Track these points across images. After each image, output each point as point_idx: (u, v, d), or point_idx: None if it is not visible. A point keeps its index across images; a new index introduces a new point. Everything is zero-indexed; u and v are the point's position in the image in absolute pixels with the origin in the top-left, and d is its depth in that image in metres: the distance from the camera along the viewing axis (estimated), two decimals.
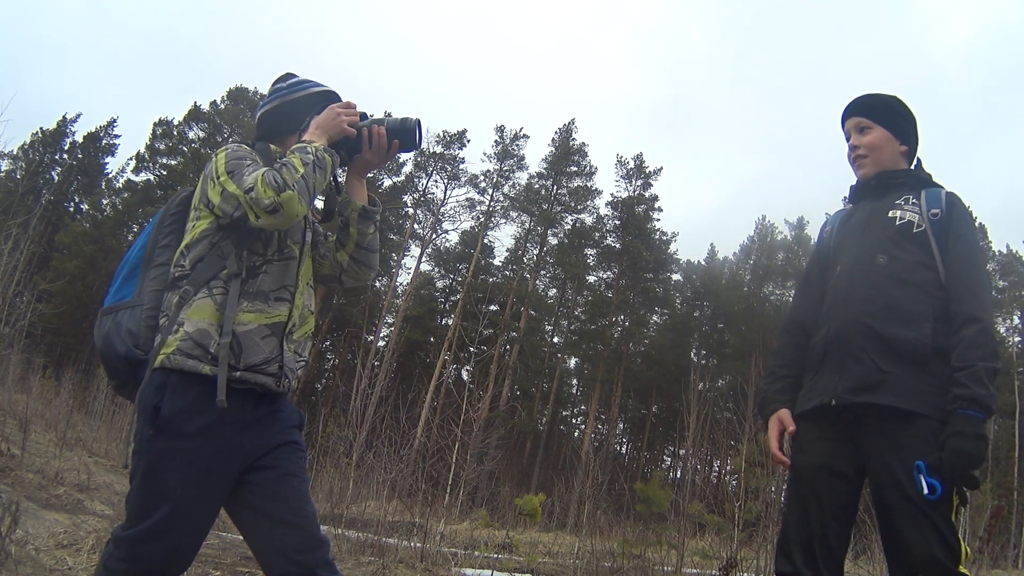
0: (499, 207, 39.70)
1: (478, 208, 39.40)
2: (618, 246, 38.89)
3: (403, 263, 38.94)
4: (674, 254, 40.87)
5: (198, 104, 37.93)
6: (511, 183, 39.91)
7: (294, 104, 2.11)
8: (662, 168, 42.65)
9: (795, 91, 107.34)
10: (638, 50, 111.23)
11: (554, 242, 40.03)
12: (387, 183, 37.87)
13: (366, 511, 9.54)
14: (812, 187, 77.83)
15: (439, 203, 38.82)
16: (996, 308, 32.46)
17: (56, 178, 37.89)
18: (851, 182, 2.37)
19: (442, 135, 38.13)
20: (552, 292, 40.92)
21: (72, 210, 38.73)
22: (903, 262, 2.09)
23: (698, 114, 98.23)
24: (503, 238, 64.76)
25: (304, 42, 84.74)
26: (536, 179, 40.03)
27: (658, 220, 40.01)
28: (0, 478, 5.96)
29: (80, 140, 38.35)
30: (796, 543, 2.07)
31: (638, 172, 39.89)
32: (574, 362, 40.41)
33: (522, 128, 40.02)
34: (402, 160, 37.52)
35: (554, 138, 40.65)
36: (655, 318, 41.52)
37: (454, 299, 38.46)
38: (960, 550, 1.87)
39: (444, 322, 38.56)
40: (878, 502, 2.01)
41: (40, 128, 37.27)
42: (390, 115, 2.20)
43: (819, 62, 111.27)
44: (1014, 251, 35.13)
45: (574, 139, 40.56)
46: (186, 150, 36.28)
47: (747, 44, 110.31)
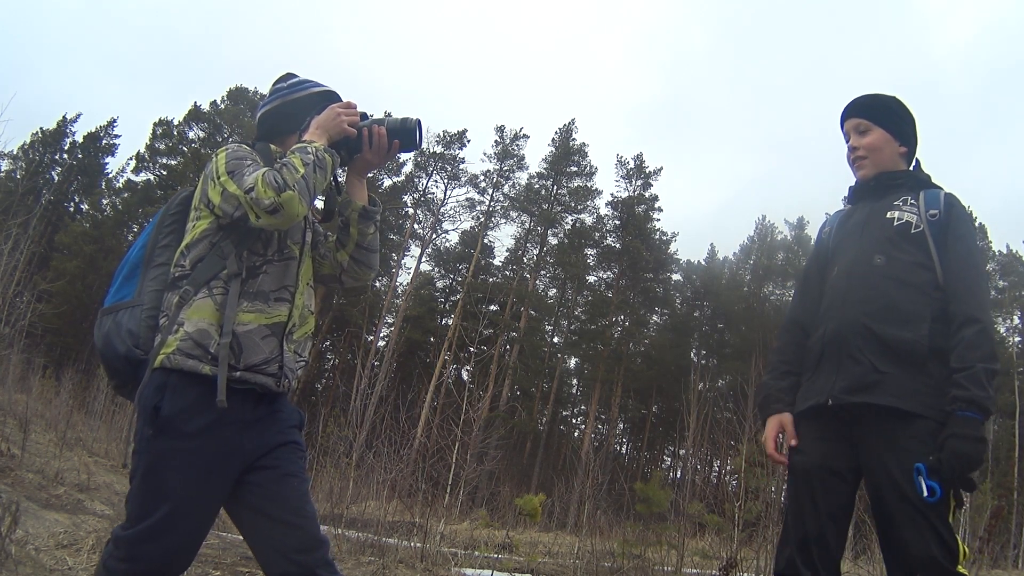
0: (499, 207, 39.77)
1: (478, 208, 39.48)
2: (618, 246, 38.89)
3: (403, 263, 39.01)
4: (674, 254, 40.95)
5: (198, 104, 38.02)
6: (511, 183, 39.99)
7: (294, 104, 2.11)
8: (662, 168, 42.76)
9: (795, 91, 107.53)
10: (638, 50, 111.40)
11: (554, 242, 40.07)
12: (387, 183, 37.88)
13: (366, 511, 9.53)
14: (812, 187, 77.84)
15: (439, 203, 38.88)
16: (996, 308, 32.73)
17: (56, 178, 37.90)
18: (851, 182, 2.38)
19: (442, 135, 38.19)
20: (552, 292, 40.94)
21: (72, 210, 38.74)
22: (901, 263, 2.09)
23: (698, 114, 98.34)
24: (503, 238, 64.90)
25: (304, 42, 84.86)
26: (536, 179, 40.09)
27: (658, 220, 40.10)
28: (0, 478, 5.96)
29: (80, 140, 38.42)
30: (794, 543, 2.07)
31: (638, 172, 39.91)
32: (574, 362, 40.48)
33: (522, 128, 40.10)
34: (402, 160, 37.58)
35: (554, 138, 40.73)
36: (655, 318, 41.55)
37: (454, 299, 38.46)
38: (958, 550, 1.87)
39: (444, 322, 38.57)
40: (875, 503, 2.01)
41: (40, 128, 37.35)
42: (390, 115, 2.20)
43: (819, 62, 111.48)
44: (1014, 251, 35.18)
45: (574, 139, 40.60)
46: (186, 150, 36.28)
47: (747, 44, 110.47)
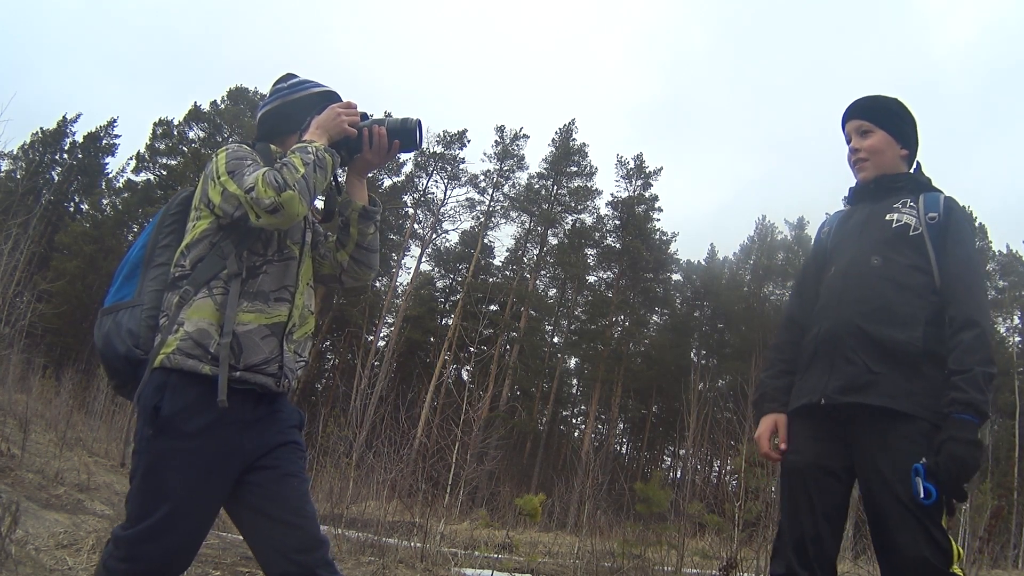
0: (499, 207, 39.77)
1: (478, 208, 39.48)
2: (618, 246, 38.89)
3: (403, 263, 39.00)
4: (674, 254, 40.94)
5: (198, 104, 38.05)
6: (511, 183, 39.99)
7: (295, 104, 2.11)
8: (662, 168, 42.69)
9: (795, 91, 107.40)
10: (638, 50, 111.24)
11: (554, 242, 40.08)
12: (387, 183, 37.88)
13: (366, 511, 9.53)
14: (812, 187, 77.78)
15: (439, 203, 38.88)
16: (996, 308, 32.71)
17: (56, 178, 37.92)
18: (851, 182, 2.38)
19: (442, 135, 38.19)
20: (552, 292, 40.95)
21: (72, 210, 38.75)
22: (898, 265, 2.09)
23: (698, 114, 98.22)
24: (503, 238, 64.86)
25: (304, 42, 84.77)
26: (536, 179, 40.10)
27: (658, 220, 40.10)
28: (0, 478, 5.96)
29: (80, 140, 38.44)
30: (790, 544, 2.07)
31: (638, 172, 39.90)
32: (574, 362, 40.49)
33: (522, 128, 40.08)
34: (402, 160, 37.58)
35: (554, 138, 40.72)
36: (655, 318, 41.55)
37: (454, 299, 38.46)
38: (952, 551, 1.86)
39: (444, 322, 38.57)
40: (868, 503, 2.00)
41: (40, 128, 37.37)
42: (390, 115, 2.20)
43: (819, 62, 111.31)
44: (1014, 251, 35.17)
45: (574, 139, 40.61)
46: (186, 150, 36.29)
47: (747, 44, 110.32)
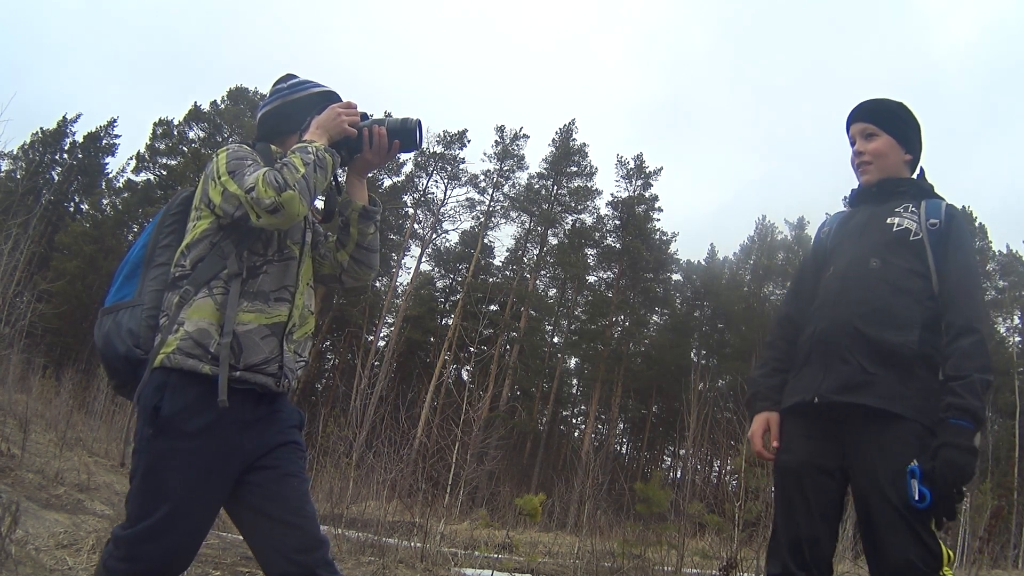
0: (499, 207, 39.77)
1: (478, 208, 39.48)
2: (618, 246, 38.90)
3: (403, 263, 39.01)
4: (674, 254, 40.95)
5: (198, 104, 38.05)
6: (511, 183, 39.99)
7: (295, 104, 2.11)
8: (662, 168, 42.62)
9: (795, 91, 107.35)
10: (638, 50, 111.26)
11: (554, 242, 40.08)
12: (387, 183, 37.88)
13: (366, 511, 9.53)
14: (812, 187, 77.87)
15: (439, 203, 38.88)
16: (996, 308, 32.68)
17: (56, 178, 37.91)
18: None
19: (442, 135, 38.18)
20: (552, 292, 40.95)
21: (72, 210, 38.75)
22: (896, 268, 2.10)
23: (698, 114, 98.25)
24: (503, 238, 64.85)
25: (304, 42, 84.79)
26: (536, 179, 40.11)
27: (658, 220, 40.10)
28: (0, 478, 5.96)
29: (80, 140, 38.43)
30: (785, 544, 2.07)
31: (638, 172, 39.90)
32: (574, 362, 40.49)
33: (522, 128, 40.07)
34: (402, 160, 37.57)
35: (554, 138, 40.73)
36: (655, 318, 41.55)
37: (454, 299, 38.46)
38: (941, 554, 1.86)
39: (444, 322, 38.57)
40: (859, 505, 2.00)
41: (40, 128, 37.37)
42: (390, 115, 2.20)
43: (819, 62, 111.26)
44: (1014, 251, 35.16)
45: (574, 139, 40.61)
46: (186, 150, 36.29)
47: (747, 44, 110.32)
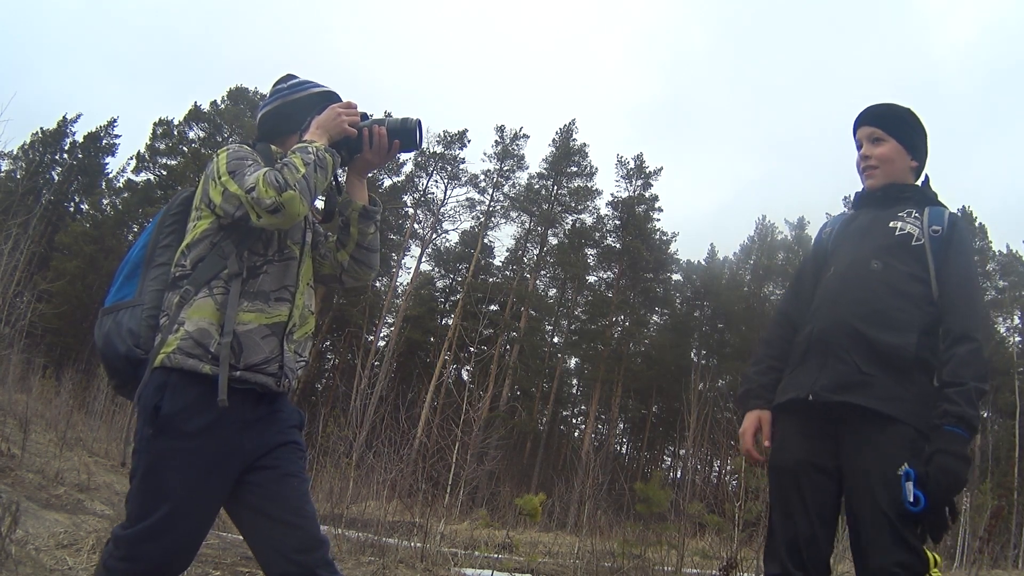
0: (499, 207, 39.77)
1: (478, 208, 39.48)
2: (618, 246, 38.90)
3: (403, 263, 39.00)
4: (674, 254, 40.96)
5: (198, 104, 38.04)
6: (511, 183, 39.99)
7: (295, 104, 2.11)
8: (662, 168, 42.61)
9: (795, 91, 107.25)
10: (638, 50, 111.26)
11: (554, 242, 40.08)
12: (387, 183, 37.87)
13: (366, 511, 9.53)
14: (812, 187, 77.98)
15: (439, 203, 38.87)
16: (996, 308, 32.65)
17: (56, 178, 37.91)
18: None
19: (442, 135, 38.18)
20: (552, 292, 40.95)
21: (72, 210, 38.75)
22: (897, 272, 2.10)
23: (698, 114, 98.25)
24: (503, 238, 64.86)
25: (304, 42, 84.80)
26: (536, 179, 40.10)
27: (658, 220, 40.11)
28: (0, 478, 5.96)
29: (80, 140, 38.43)
30: (783, 544, 2.06)
31: (638, 172, 39.91)
32: (574, 362, 40.49)
33: (522, 128, 40.06)
34: (402, 160, 37.57)
35: (554, 138, 40.72)
36: (655, 318, 41.57)
37: (454, 299, 38.46)
38: (926, 560, 1.85)
39: (444, 322, 38.57)
40: (848, 505, 2.01)
41: (40, 128, 37.37)
42: (390, 115, 2.20)
43: (819, 62, 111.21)
44: (1014, 251, 35.14)
45: (574, 139, 40.60)
46: (186, 150, 36.29)
47: (747, 44, 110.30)
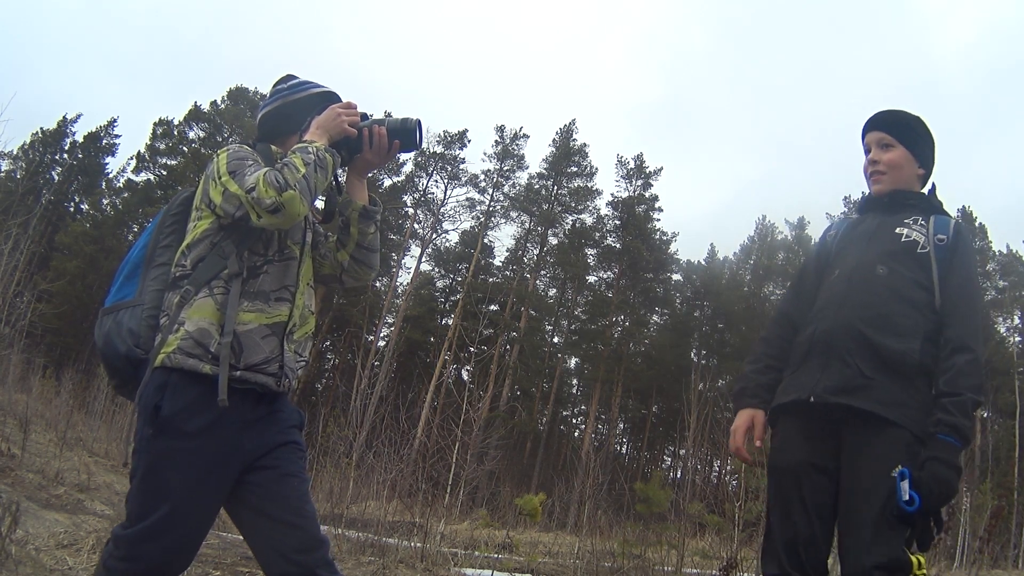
0: (499, 207, 39.78)
1: (478, 208, 39.49)
2: (618, 246, 38.90)
3: (403, 263, 39.01)
4: (674, 254, 40.95)
5: (198, 104, 38.05)
6: (511, 183, 40.00)
7: (295, 105, 2.11)
8: (662, 168, 42.52)
9: (795, 91, 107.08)
10: (638, 50, 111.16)
11: (554, 242, 40.09)
12: (387, 183, 37.87)
13: (366, 511, 9.53)
14: (812, 187, 77.98)
15: (439, 203, 38.88)
16: (996, 308, 32.66)
17: (56, 178, 37.92)
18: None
19: (442, 135, 38.19)
20: (552, 292, 40.96)
21: (72, 210, 38.76)
22: (902, 278, 2.11)
23: (698, 114, 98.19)
24: (503, 238, 64.75)
25: (304, 42, 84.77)
26: (536, 179, 40.12)
27: (658, 220, 40.11)
28: (0, 478, 5.96)
29: (80, 140, 38.42)
30: (781, 545, 2.06)
31: (638, 172, 39.91)
32: (574, 362, 40.49)
33: (522, 128, 40.11)
34: (402, 160, 37.57)
35: (555, 138, 40.73)
36: (655, 318, 41.57)
37: (454, 299, 38.46)
38: (908, 563, 1.85)
39: (444, 322, 38.57)
40: (839, 505, 2.00)
41: (40, 128, 37.36)
42: (390, 115, 2.21)
43: (819, 62, 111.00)
44: (1014, 251, 35.13)
45: (575, 139, 40.62)
46: (186, 150, 36.30)
47: (747, 44, 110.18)
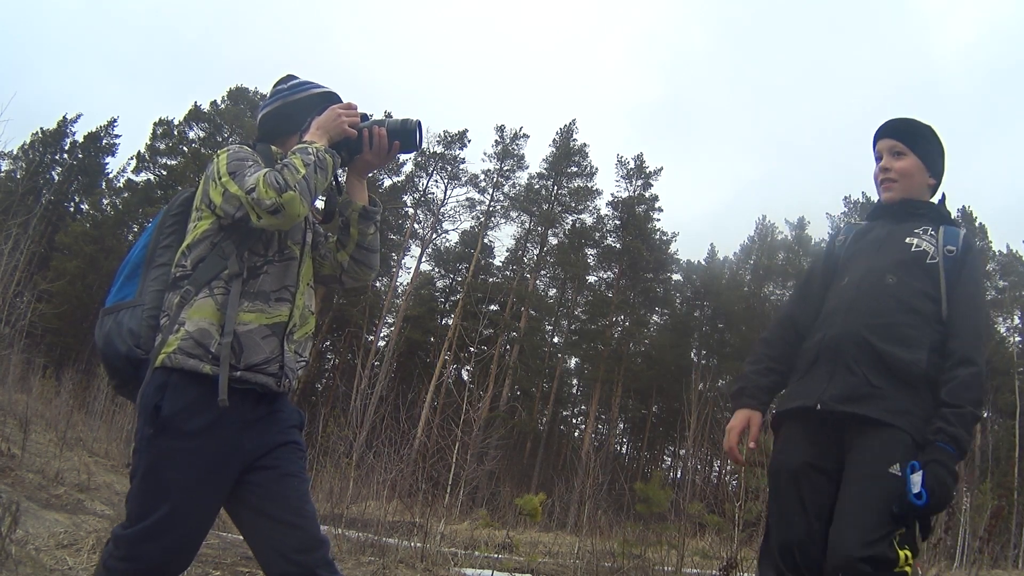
0: (499, 207, 39.78)
1: (478, 208, 39.50)
2: (618, 246, 38.90)
3: (403, 263, 39.01)
4: (674, 254, 40.96)
5: (198, 104, 38.04)
6: (511, 183, 40.00)
7: (295, 105, 2.11)
8: (662, 168, 42.49)
9: (795, 91, 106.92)
10: (638, 50, 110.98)
11: (554, 242, 40.09)
12: (387, 183, 37.88)
13: (366, 511, 9.53)
14: (812, 187, 77.95)
15: (439, 203, 38.89)
16: (996, 308, 32.67)
17: (56, 178, 37.91)
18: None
19: (442, 135, 38.20)
20: (552, 292, 40.95)
21: (72, 210, 38.76)
22: (911, 288, 2.11)
23: (698, 114, 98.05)
24: (503, 238, 64.73)
25: (304, 42, 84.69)
26: (536, 179, 40.12)
27: (658, 220, 40.11)
28: (0, 478, 5.96)
29: (80, 140, 38.41)
30: (777, 547, 2.06)
31: (638, 172, 39.91)
32: (574, 362, 40.49)
33: (522, 128, 40.17)
34: (402, 160, 37.56)
35: (555, 138, 40.73)
36: (655, 318, 41.57)
37: (454, 299, 38.47)
38: (896, 558, 1.84)
39: (444, 322, 38.58)
40: (838, 499, 2.00)
41: (40, 128, 37.35)
42: (391, 116, 2.21)
43: (819, 62, 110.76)
44: (1014, 251, 35.13)
45: (575, 139, 40.62)
46: (186, 150, 36.30)
47: (747, 44, 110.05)
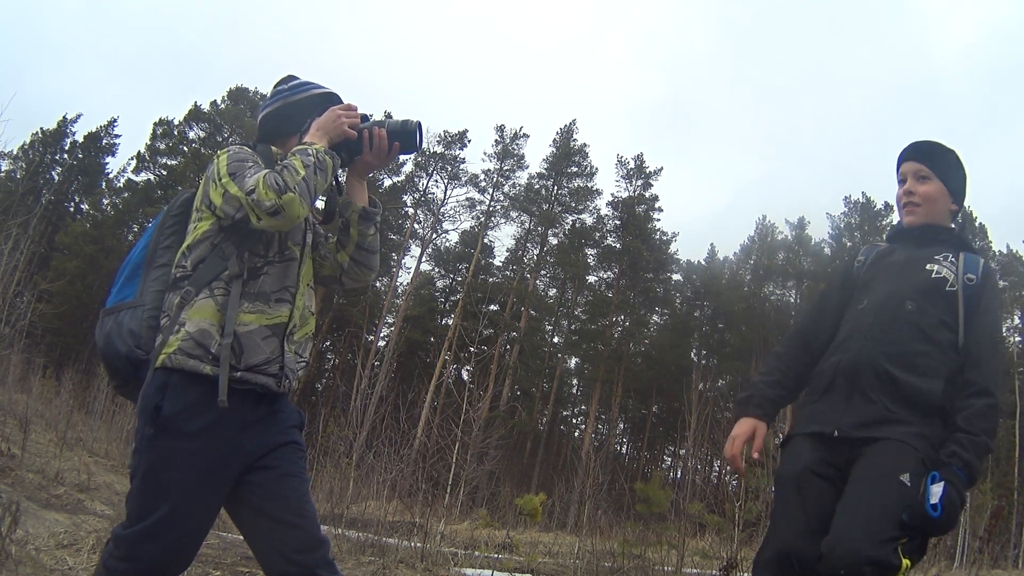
0: (499, 207, 39.79)
1: (478, 208, 39.51)
2: (618, 246, 38.91)
3: (403, 263, 39.01)
4: (674, 254, 40.98)
5: (198, 104, 38.04)
6: (511, 183, 40.01)
7: (295, 106, 2.11)
8: (662, 168, 42.47)
9: (795, 91, 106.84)
10: (638, 50, 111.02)
11: (554, 242, 40.09)
12: (387, 183, 37.88)
13: (366, 511, 9.53)
14: (812, 187, 77.95)
15: (439, 203, 38.89)
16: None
17: (56, 178, 37.92)
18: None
19: (442, 135, 38.21)
20: (552, 292, 40.96)
21: (72, 210, 38.77)
22: (929, 316, 2.11)
23: (698, 114, 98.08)
24: (503, 238, 64.65)
25: (304, 42, 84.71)
26: (536, 179, 40.13)
27: (658, 220, 40.14)
28: (0, 478, 5.96)
29: (80, 140, 38.42)
30: (773, 554, 2.06)
31: (638, 172, 39.92)
32: (574, 362, 40.50)
33: (522, 128, 40.19)
34: (402, 160, 37.52)
35: (555, 139, 40.75)
36: (655, 318, 41.58)
37: (454, 299, 38.48)
38: (899, 564, 1.82)
39: (444, 322, 38.58)
40: (842, 496, 1.99)
41: (40, 128, 37.36)
42: (391, 116, 2.21)
43: (819, 62, 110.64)
44: (1014, 251, 35.13)
45: (575, 139, 40.63)
46: (186, 150, 36.30)
47: (747, 44, 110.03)
